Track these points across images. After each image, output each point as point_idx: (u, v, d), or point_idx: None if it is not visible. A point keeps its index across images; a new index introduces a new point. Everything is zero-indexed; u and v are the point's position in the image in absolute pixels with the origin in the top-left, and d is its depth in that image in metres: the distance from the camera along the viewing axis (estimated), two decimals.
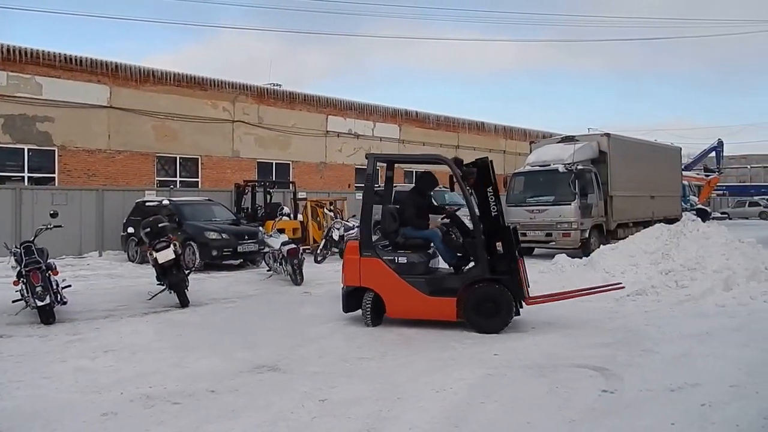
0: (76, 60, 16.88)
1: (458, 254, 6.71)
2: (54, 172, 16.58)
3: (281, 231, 10.93)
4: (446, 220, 7.03)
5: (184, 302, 7.85)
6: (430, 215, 7.19)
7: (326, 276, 11.02)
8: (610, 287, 7.24)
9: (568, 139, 14.93)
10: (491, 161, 6.75)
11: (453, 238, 6.70)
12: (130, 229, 10.68)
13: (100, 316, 7.31)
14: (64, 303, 7.13)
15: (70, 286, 7.54)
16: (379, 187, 22.34)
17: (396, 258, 6.53)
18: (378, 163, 7.08)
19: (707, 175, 30.79)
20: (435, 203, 7.87)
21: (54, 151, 16.58)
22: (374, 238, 6.90)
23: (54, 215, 7.86)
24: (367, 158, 6.88)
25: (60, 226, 8.06)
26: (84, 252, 14.27)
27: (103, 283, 10.35)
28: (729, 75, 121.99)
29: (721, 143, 33.29)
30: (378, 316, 6.56)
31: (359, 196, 20.62)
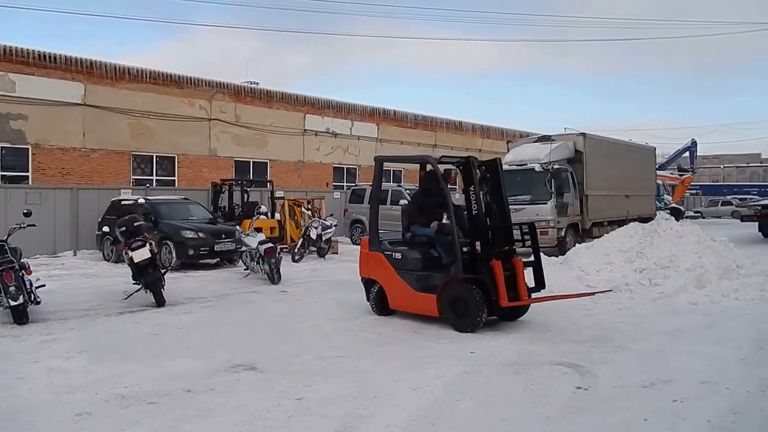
0: (50, 57, 16.54)
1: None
2: (28, 171, 16.22)
3: (258, 230, 10.84)
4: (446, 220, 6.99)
5: (160, 302, 7.76)
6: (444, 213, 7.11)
7: (303, 275, 11.00)
8: (600, 292, 7.33)
9: (545, 139, 15.08)
10: (499, 159, 6.82)
11: (443, 237, 6.68)
12: (106, 228, 10.51)
13: (75, 315, 7.19)
14: (38, 303, 7.00)
15: (44, 285, 7.43)
16: (356, 185, 22.09)
17: (393, 254, 6.86)
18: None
19: (681, 175, 31.40)
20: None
21: (28, 149, 16.22)
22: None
23: (27, 214, 7.70)
24: (375, 160, 7.43)
25: (33, 225, 7.91)
26: (58, 251, 14.00)
27: (78, 282, 10.16)
28: (703, 77, 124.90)
29: (694, 143, 34.01)
30: (384, 307, 6.94)
31: (337, 195, 20.64)
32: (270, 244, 9.94)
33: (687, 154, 33.98)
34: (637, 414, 3.87)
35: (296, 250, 13.13)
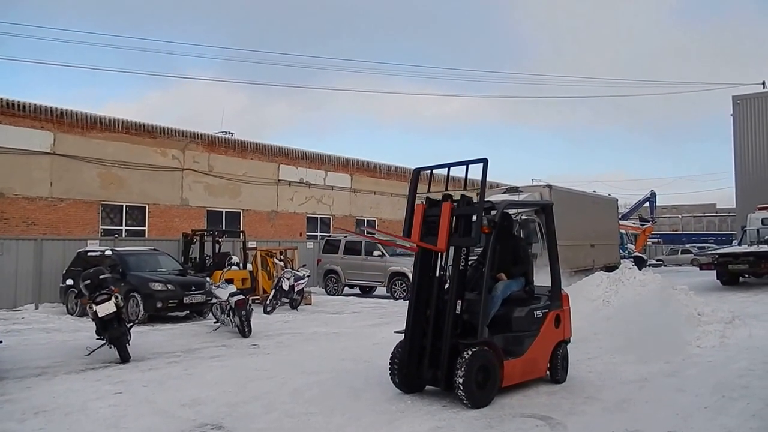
0: (18, 105, 16.49)
1: None
2: None
3: (229, 281, 10.74)
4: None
5: (124, 357, 7.54)
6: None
7: (275, 327, 10.85)
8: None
9: (513, 190, 15.49)
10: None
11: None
12: (70, 281, 10.26)
13: (33, 374, 6.91)
14: None
15: (0, 342, 7.14)
16: (330, 235, 22.00)
17: None
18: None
19: (642, 224, 32.34)
20: None
21: None
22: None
23: None
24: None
25: None
26: (19, 305, 13.54)
27: (38, 337, 9.80)
28: (662, 132, 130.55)
29: (653, 194, 35.26)
30: None
31: (310, 245, 20.61)
32: (241, 296, 9.82)
33: (647, 204, 35.12)
34: None
35: (268, 302, 12.98)
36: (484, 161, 5.55)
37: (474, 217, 5.61)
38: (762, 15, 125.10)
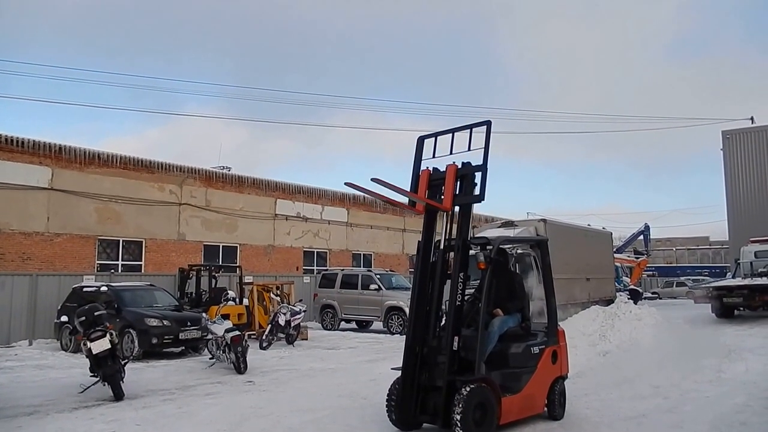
0: (17, 141, 16.65)
1: None
2: None
3: (225, 317, 10.70)
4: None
5: (118, 395, 7.48)
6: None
7: (271, 363, 10.76)
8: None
9: (508, 224, 15.56)
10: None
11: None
12: (64, 318, 10.22)
13: (24, 413, 6.82)
14: None
15: None
16: (327, 270, 21.97)
17: None
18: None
19: (637, 257, 32.37)
20: None
21: None
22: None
23: None
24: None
25: None
26: (12, 341, 13.40)
27: (31, 375, 9.69)
28: (654, 166, 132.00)
29: (647, 227, 35.36)
30: None
31: (307, 279, 20.59)
32: (236, 332, 9.77)
33: (641, 237, 35.21)
34: None
35: (264, 337, 12.89)
36: (488, 123, 5.68)
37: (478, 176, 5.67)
38: (749, 52, 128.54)
